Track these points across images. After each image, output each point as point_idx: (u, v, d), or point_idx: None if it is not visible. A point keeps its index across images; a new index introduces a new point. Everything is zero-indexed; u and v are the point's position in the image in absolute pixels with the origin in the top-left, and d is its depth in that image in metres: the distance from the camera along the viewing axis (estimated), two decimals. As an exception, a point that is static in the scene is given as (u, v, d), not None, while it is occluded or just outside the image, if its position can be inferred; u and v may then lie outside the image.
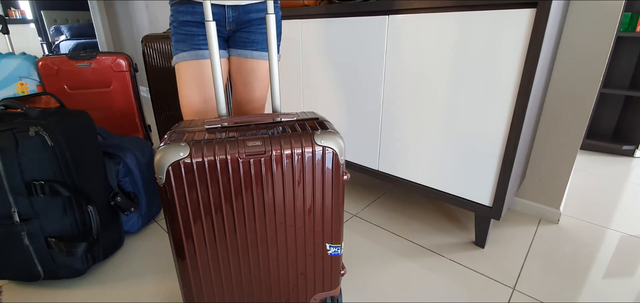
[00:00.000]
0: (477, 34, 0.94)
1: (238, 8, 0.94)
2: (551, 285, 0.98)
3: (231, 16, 0.94)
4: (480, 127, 1.01)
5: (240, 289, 0.73)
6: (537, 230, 1.25)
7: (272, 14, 0.75)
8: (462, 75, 1.00)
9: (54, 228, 0.93)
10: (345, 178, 0.69)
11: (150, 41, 1.75)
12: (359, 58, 1.24)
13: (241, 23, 0.97)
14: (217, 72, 0.74)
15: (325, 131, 0.66)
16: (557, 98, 1.21)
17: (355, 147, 1.37)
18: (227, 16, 0.94)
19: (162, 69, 1.79)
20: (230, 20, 0.95)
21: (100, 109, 1.71)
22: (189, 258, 0.67)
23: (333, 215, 0.71)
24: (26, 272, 0.96)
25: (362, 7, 1.17)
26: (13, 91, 1.57)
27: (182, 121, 0.75)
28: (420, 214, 1.36)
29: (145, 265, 1.07)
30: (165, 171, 0.59)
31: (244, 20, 0.97)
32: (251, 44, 0.99)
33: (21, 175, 0.86)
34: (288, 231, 0.70)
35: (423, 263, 1.08)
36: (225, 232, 0.66)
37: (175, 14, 0.91)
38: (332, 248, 0.75)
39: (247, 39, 0.99)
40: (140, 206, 1.21)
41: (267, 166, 0.63)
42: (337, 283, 0.81)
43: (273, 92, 0.82)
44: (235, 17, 0.95)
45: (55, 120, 0.90)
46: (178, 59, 0.93)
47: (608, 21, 1.06)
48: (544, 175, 1.30)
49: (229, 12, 0.93)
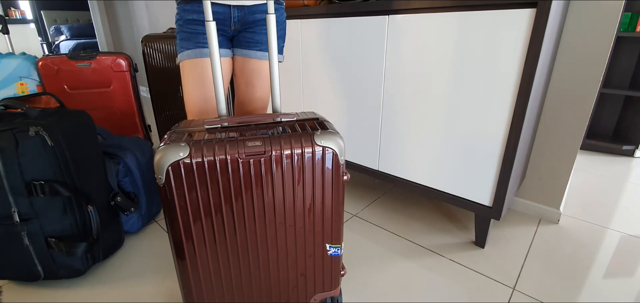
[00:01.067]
0: (477, 34, 0.94)
1: (243, 8, 0.95)
2: (551, 285, 0.98)
3: (236, 16, 0.95)
4: (480, 127, 1.01)
5: (240, 289, 0.73)
6: (537, 230, 1.25)
7: (272, 14, 0.75)
8: (462, 75, 1.00)
9: (54, 228, 0.93)
10: (345, 178, 0.69)
11: (150, 41, 1.75)
12: (359, 58, 1.24)
13: (246, 23, 0.98)
14: (217, 72, 0.74)
15: (325, 131, 0.66)
16: (557, 98, 1.21)
17: (355, 147, 1.37)
18: (233, 16, 0.95)
19: (162, 69, 1.79)
20: (236, 20, 0.96)
21: (100, 109, 1.71)
22: (188, 258, 0.67)
23: (333, 215, 0.71)
24: (26, 272, 0.96)
25: (362, 7, 1.17)
26: (13, 91, 1.57)
27: (182, 120, 0.75)
28: (420, 214, 1.36)
29: (145, 265, 1.07)
30: (165, 172, 0.59)
31: (249, 21, 0.98)
32: (255, 44, 1.00)
33: (21, 175, 0.86)
34: (288, 231, 0.70)
35: (423, 263, 1.08)
36: (225, 232, 0.66)
37: (181, 12, 0.92)
38: (332, 249, 0.75)
39: (252, 39, 1.00)
40: (140, 206, 1.21)
41: (267, 167, 0.63)
42: (337, 284, 0.81)
43: (273, 92, 0.82)
44: (240, 17, 0.96)
45: (55, 120, 0.90)
46: (182, 57, 0.94)
47: (608, 21, 1.06)
48: (544, 175, 1.30)
49: (235, 12, 0.94)
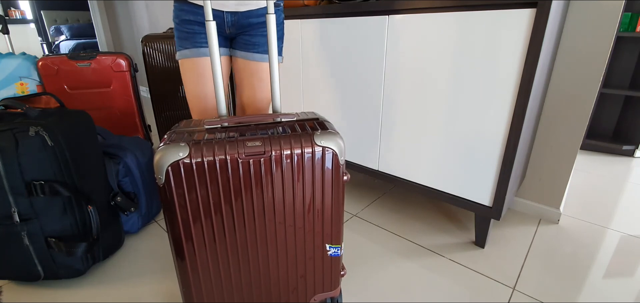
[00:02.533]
0: (477, 34, 0.94)
1: (237, 13, 0.95)
2: (551, 285, 0.98)
3: (229, 20, 0.96)
4: (480, 127, 1.01)
5: (240, 289, 0.73)
6: (537, 230, 1.25)
7: (272, 14, 0.75)
8: (462, 75, 1.00)
9: (54, 228, 0.93)
10: (345, 178, 0.69)
11: (150, 41, 1.75)
12: (359, 58, 1.24)
13: (241, 27, 0.98)
14: (218, 73, 0.74)
15: (325, 132, 0.66)
16: (557, 98, 1.20)
17: (355, 147, 1.37)
18: (226, 20, 0.95)
19: (162, 69, 1.79)
20: (229, 24, 0.96)
21: (100, 109, 1.71)
22: (188, 258, 0.67)
23: (333, 215, 0.71)
24: (26, 272, 0.96)
25: (362, 7, 1.17)
26: (13, 91, 1.57)
27: (183, 120, 0.75)
28: (420, 214, 1.36)
29: (145, 265, 1.07)
30: (165, 172, 0.59)
31: (244, 24, 0.98)
32: (253, 46, 1.00)
33: (21, 175, 0.86)
34: (288, 231, 0.70)
35: (423, 263, 1.08)
36: (224, 233, 0.66)
37: (178, 11, 0.93)
38: (332, 249, 0.75)
39: (249, 41, 1.00)
40: (140, 206, 1.21)
41: (266, 167, 0.63)
42: (337, 284, 0.80)
43: (273, 92, 0.82)
44: (234, 21, 0.96)
45: (55, 120, 0.90)
46: (180, 56, 0.97)
47: (608, 21, 1.06)
48: (544, 175, 1.29)
49: (228, 16, 0.95)
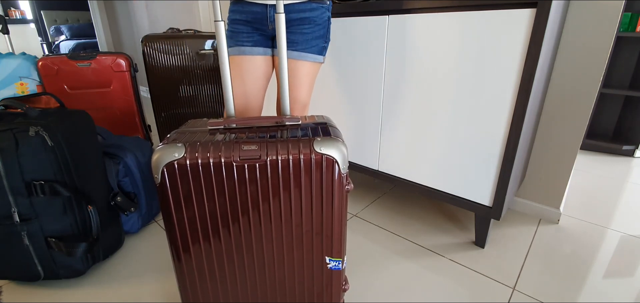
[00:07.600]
0: (477, 34, 0.94)
1: None
2: (551, 285, 0.98)
3: (272, 15, 0.96)
4: (480, 127, 1.01)
5: (236, 291, 0.72)
6: (537, 230, 1.25)
7: (281, 13, 0.74)
8: (462, 75, 1.00)
9: (54, 228, 0.93)
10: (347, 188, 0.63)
11: (150, 41, 1.75)
12: (359, 58, 1.24)
13: None
14: (226, 73, 0.73)
15: (327, 138, 0.61)
16: (557, 98, 1.20)
17: (355, 147, 1.37)
18: (269, 15, 0.96)
19: (162, 69, 1.79)
20: (272, 20, 0.97)
21: (100, 109, 1.71)
22: (184, 259, 0.67)
23: (333, 227, 0.65)
24: (26, 272, 0.96)
25: (362, 7, 1.17)
26: (13, 91, 1.57)
27: (190, 120, 0.75)
28: (420, 214, 1.36)
29: (145, 265, 1.07)
30: (161, 171, 0.59)
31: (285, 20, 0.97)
32: (290, 44, 1.00)
33: (21, 175, 0.86)
34: (285, 240, 0.66)
35: (423, 263, 1.08)
36: (220, 235, 0.65)
37: (230, 12, 1.00)
38: (332, 262, 0.69)
39: (287, 39, 0.99)
40: (140, 206, 1.21)
41: (262, 172, 0.60)
42: (338, 299, 0.74)
43: (283, 94, 0.80)
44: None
45: (55, 120, 0.90)
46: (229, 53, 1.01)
47: (608, 21, 1.05)
48: (544, 175, 1.29)
49: (271, 11, 0.95)
